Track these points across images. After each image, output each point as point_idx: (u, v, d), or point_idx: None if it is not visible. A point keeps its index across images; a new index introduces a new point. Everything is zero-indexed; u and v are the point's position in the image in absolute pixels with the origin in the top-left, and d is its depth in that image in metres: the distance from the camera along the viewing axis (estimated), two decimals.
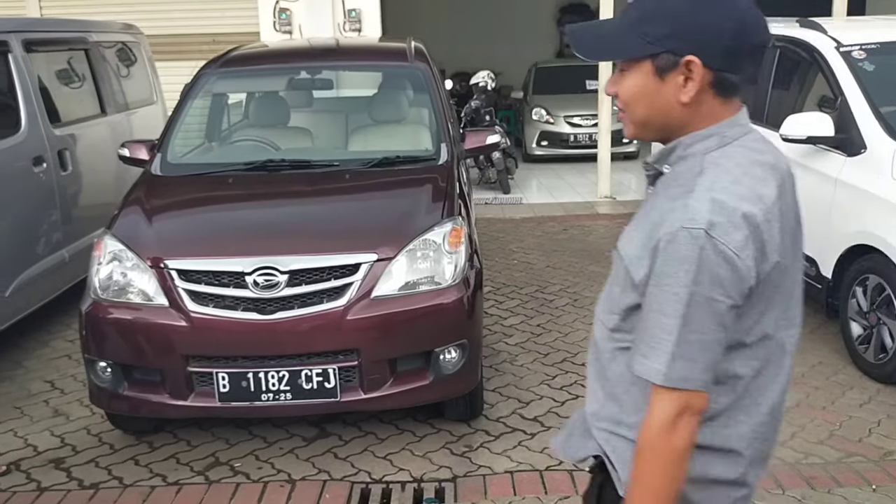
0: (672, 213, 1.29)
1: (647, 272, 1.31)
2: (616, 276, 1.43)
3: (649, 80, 1.35)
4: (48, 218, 5.04)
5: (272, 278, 3.37)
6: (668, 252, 1.28)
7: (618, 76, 1.40)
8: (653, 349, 1.30)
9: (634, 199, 8.84)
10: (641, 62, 1.35)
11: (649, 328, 1.31)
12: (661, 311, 1.29)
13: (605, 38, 1.42)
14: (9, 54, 4.85)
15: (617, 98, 1.42)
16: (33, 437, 3.85)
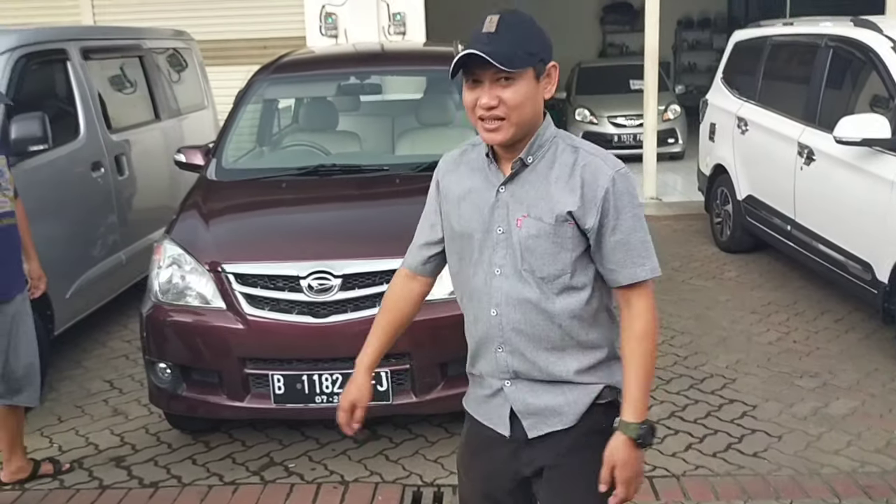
0: (597, 170, 1.76)
1: (598, 217, 1.75)
2: (542, 245, 1.77)
3: (532, 84, 1.74)
4: (106, 221, 5.18)
5: (326, 282, 3.43)
6: (617, 193, 1.75)
7: (496, 88, 1.72)
8: (645, 256, 1.79)
9: (680, 201, 8.76)
10: (525, 71, 1.72)
11: (635, 245, 1.78)
12: (635, 229, 1.78)
13: (504, 55, 1.70)
14: (68, 62, 5.00)
15: (497, 107, 1.72)
16: (94, 436, 3.97)
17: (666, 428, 3.83)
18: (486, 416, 1.95)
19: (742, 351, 4.71)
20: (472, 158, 1.91)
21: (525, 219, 1.78)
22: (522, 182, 1.80)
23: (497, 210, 1.81)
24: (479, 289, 1.85)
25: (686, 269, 6.37)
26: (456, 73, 1.75)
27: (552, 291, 1.80)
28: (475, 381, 1.98)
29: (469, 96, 1.77)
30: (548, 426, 1.86)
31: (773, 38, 6.34)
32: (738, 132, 6.45)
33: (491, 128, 1.75)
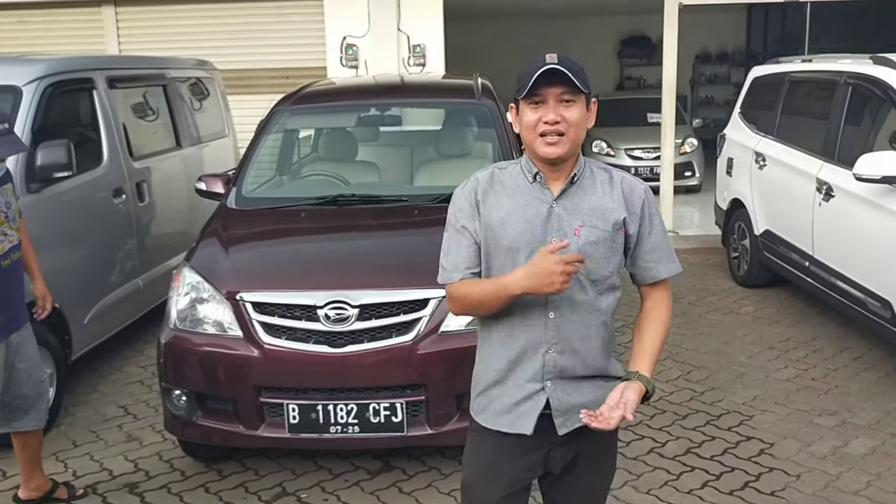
0: (632, 185, 2.08)
1: (639, 223, 2.07)
2: (599, 250, 2.03)
3: (584, 110, 2.01)
4: (125, 247, 5.23)
5: (343, 312, 3.44)
6: (650, 203, 2.09)
7: (559, 107, 1.97)
8: (670, 255, 2.13)
9: (697, 234, 8.73)
10: (582, 97, 1.99)
11: (664, 245, 2.11)
12: (662, 232, 2.12)
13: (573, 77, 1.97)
14: (93, 91, 5.09)
15: (560, 122, 1.97)
16: (108, 462, 3.97)
17: (682, 464, 3.79)
18: (511, 422, 2.09)
19: (760, 387, 4.67)
20: (503, 180, 2.10)
21: (582, 227, 2.02)
22: (572, 197, 2.05)
23: (550, 222, 2.02)
24: (533, 296, 2.00)
25: (703, 303, 6.33)
26: (527, 91, 1.96)
27: (598, 292, 2.05)
28: (499, 392, 2.10)
29: (532, 115, 1.99)
30: (576, 422, 2.04)
31: (791, 75, 6.35)
32: (755, 167, 6.45)
33: (552, 141, 1.98)
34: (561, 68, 1.94)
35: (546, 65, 1.95)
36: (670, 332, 2.11)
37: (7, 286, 3.16)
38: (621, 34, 16.36)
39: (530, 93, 1.97)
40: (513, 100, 2.07)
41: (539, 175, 2.04)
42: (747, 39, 16.28)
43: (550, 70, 1.94)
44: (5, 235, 3.15)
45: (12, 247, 3.20)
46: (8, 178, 3.28)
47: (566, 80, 1.94)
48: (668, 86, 8.78)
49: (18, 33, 8.88)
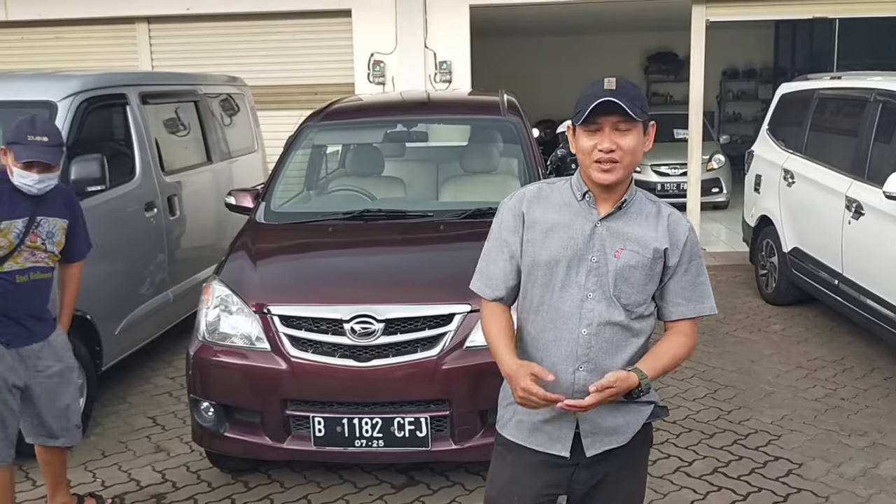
0: (679, 221, 2.10)
1: (679, 258, 2.07)
2: (635, 275, 2.04)
3: (640, 136, 2.01)
4: (156, 260, 5.31)
5: (369, 326, 3.47)
6: (692, 242, 2.10)
7: (615, 135, 1.97)
8: (708, 296, 2.13)
9: (724, 251, 8.67)
10: (638, 124, 1.99)
11: (701, 285, 2.11)
12: (702, 273, 2.12)
13: (630, 107, 1.96)
14: (127, 106, 5.19)
15: (615, 151, 1.97)
16: (136, 472, 4.02)
17: (709, 484, 3.76)
18: (541, 440, 2.11)
19: (788, 407, 4.61)
20: (551, 196, 2.13)
21: (623, 251, 2.04)
22: (618, 220, 2.07)
23: (593, 241, 2.05)
24: (567, 311, 2.05)
25: (730, 320, 6.28)
26: (584, 118, 1.97)
27: (631, 317, 2.06)
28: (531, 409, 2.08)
29: (588, 141, 2.00)
30: (605, 444, 2.08)
31: (820, 92, 6.31)
32: (784, 184, 6.40)
33: (606, 168, 1.99)
34: (618, 101, 1.93)
35: (604, 94, 1.94)
36: (697, 349, 2.10)
37: (18, 300, 3.16)
38: (647, 50, 16.33)
39: (587, 120, 1.98)
40: (571, 120, 2.06)
41: (588, 194, 2.06)
42: (775, 55, 16.17)
43: (607, 102, 1.94)
44: (32, 255, 3.18)
45: (35, 267, 3.19)
46: (65, 215, 3.30)
47: (622, 109, 1.95)
48: (695, 102, 8.75)
49: (55, 49, 9.07)
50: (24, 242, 3.15)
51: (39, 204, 3.20)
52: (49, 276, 3.30)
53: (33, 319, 3.23)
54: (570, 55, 15.43)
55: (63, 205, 3.32)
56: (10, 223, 3.12)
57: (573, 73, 15.39)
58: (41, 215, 3.21)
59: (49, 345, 3.31)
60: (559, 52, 15.41)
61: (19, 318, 3.18)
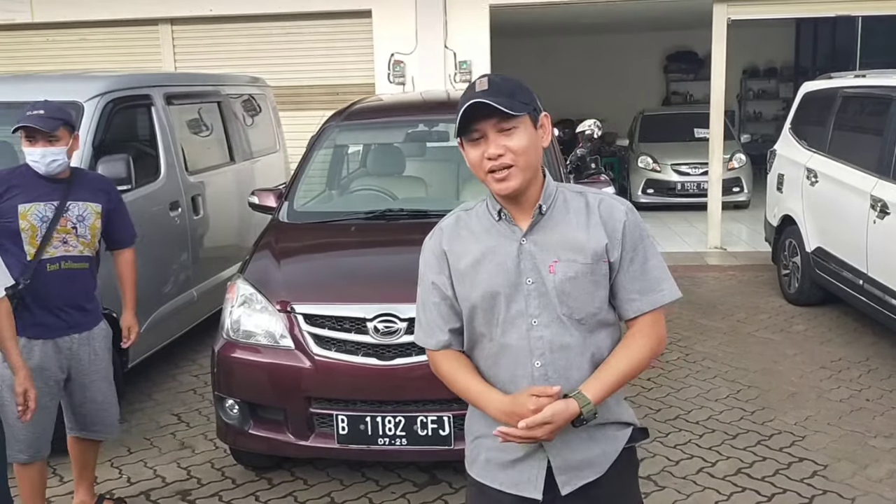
0: (611, 207, 1.88)
1: (621, 249, 1.85)
2: (579, 286, 1.83)
3: (531, 131, 1.81)
4: (180, 259, 5.37)
5: (392, 325, 3.49)
6: (633, 226, 1.87)
7: (500, 137, 1.78)
8: (664, 280, 1.89)
9: (746, 251, 8.62)
10: (523, 118, 1.79)
11: (653, 270, 1.88)
12: (651, 256, 1.88)
13: (504, 103, 1.76)
14: (152, 107, 5.25)
15: (504, 154, 1.78)
16: (161, 469, 4.07)
17: (732, 485, 3.74)
18: (512, 481, 1.90)
19: (812, 408, 4.58)
20: (470, 223, 1.92)
21: (557, 263, 1.82)
22: (543, 230, 1.85)
23: (523, 262, 1.84)
24: (514, 345, 1.84)
25: (752, 321, 6.24)
26: (460, 131, 1.81)
27: (588, 331, 1.86)
28: (494, 444, 1.89)
29: (474, 152, 1.82)
30: (581, 478, 1.88)
31: (844, 90, 6.26)
32: (807, 183, 6.35)
33: (501, 177, 1.79)
34: (487, 101, 1.73)
35: (474, 97, 1.76)
36: (719, 349, 1.98)
37: (51, 290, 3.19)
38: (667, 49, 16.26)
39: (465, 129, 1.80)
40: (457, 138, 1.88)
41: (503, 212, 1.86)
42: (796, 54, 16.05)
43: (477, 104, 1.75)
44: (64, 243, 3.21)
45: (66, 256, 3.22)
46: (98, 199, 3.33)
47: (497, 110, 1.74)
48: (716, 101, 8.71)
49: (80, 51, 9.18)
50: (55, 228, 3.18)
51: (71, 189, 3.25)
52: (84, 266, 3.30)
53: (72, 310, 3.27)
54: (589, 54, 15.41)
55: (98, 190, 3.36)
56: (30, 205, 3.16)
57: (593, 72, 15.44)
58: (72, 200, 3.25)
59: (91, 338, 3.34)
60: (578, 52, 15.38)
61: (54, 308, 3.21)
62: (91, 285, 3.37)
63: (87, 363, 3.33)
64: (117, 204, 3.45)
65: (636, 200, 11.25)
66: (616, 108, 14.15)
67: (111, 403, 3.46)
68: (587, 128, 10.11)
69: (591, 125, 10.15)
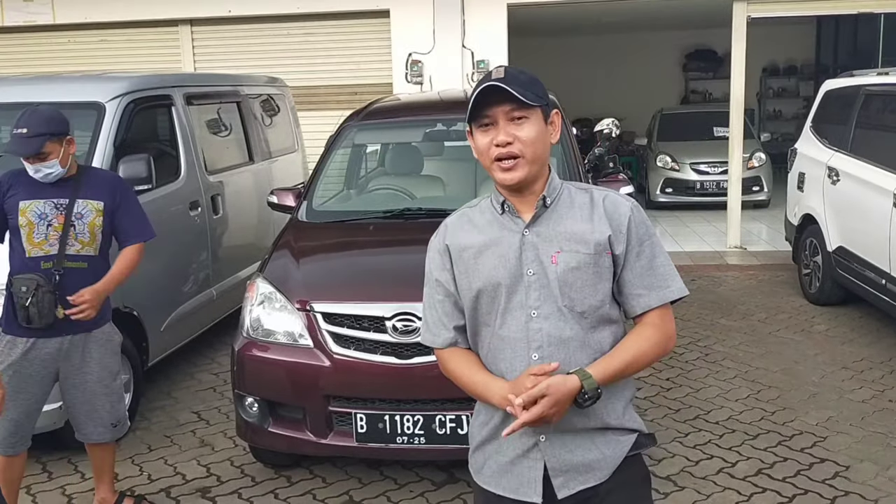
0: (616, 202, 1.87)
1: (626, 244, 1.83)
2: (582, 277, 1.81)
3: (542, 125, 1.81)
4: (200, 258, 5.40)
5: (410, 324, 3.49)
6: (638, 222, 1.86)
7: (511, 126, 1.78)
8: (671, 277, 1.87)
9: (766, 250, 8.56)
10: (535, 110, 1.80)
11: (659, 267, 1.86)
12: (658, 254, 1.87)
13: (519, 91, 1.77)
14: (172, 107, 5.28)
15: (513, 143, 1.78)
16: (182, 466, 4.10)
17: (753, 485, 3.71)
18: (511, 485, 1.87)
19: (833, 408, 4.54)
20: (474, 217, 1.92)
21: (560, 254, 1.81)
22: (546, 222, 1.85)
23: (525, 253, 1.83)
24: (512, 336, 1.83)
25: (773, 320, 6.19)
26: (471, 116, 1.80)
27: (590, 325, 1.83)
28: (495, 446, 1.89)
29: (483, 139, 1.81)
30: (579, 483, 1.83)
31: (866, 88, 6.19)
32: (828, 182, 6.29)
33: (507, 166, 1.79)
34: (503, 85, 1.74)
35: (488, 82, 1.77)
36: (739, 349, 1.95)
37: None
38: (686, 48, 16.17)
39: (477, 114, 1.80)
40: (466, 124, 1.87)
41: (507, 204, 1.86)
42: (817, 52, 15.90)
43: (492, 87, 1.75)
44: (62, 241, 3.17)
45: (64, 254, 3.18)
46: (102, 197, 3.29)
47: (512, 95, 1.75)
48: (736, 99, 8.65)
49: (100, 52, 9.27)
50: (51, 224, 3.18)
51: (78, 188, 3.26)
52: (83, 266, 3.24)
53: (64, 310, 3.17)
54: (607, 53, 15.35)
55: (103, 187, 3.33)
56: (30, 202, 3.20)
57: (611, 71, 15.39)
58: (79, 198, 3.25)
59: (91, 339, 3.29)
60: (596, 51, 15.33)
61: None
62: (89, 286, 3.23)
63: (77, 365, 3.27)
64: (124, 201, 3.36)
65: (655, 200, 11.21)
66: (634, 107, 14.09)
67: (103, 409, 3.35)
68: (605, 127, 10.05)
69: (610, 124, 10.09)
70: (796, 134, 7.50)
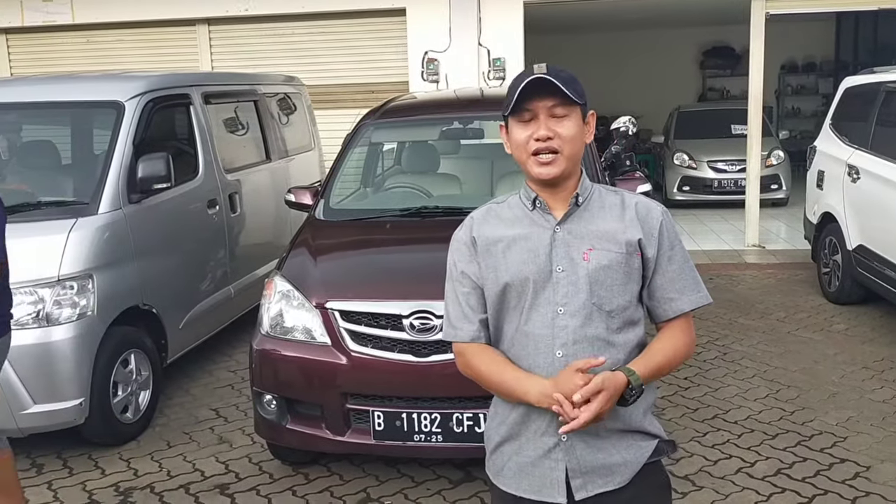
0: (648, 206, 1.89)
1: (657, 247, 1.85)
2: (612, 276, 1.82)
3: (580, 123, 1.84)
4: (218, 256, 5.43)
5: (428, 322, 3.49)
6: (668, 227, 1.88)
7: (551, 121, 1.80)
8: (697, 284, 1.90)
9: (785, 249, 8.49)
10: (576, 108, 1.82)
11: (686, 273, 1.89)
12: (685, 260, 1.90)
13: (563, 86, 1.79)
14: (190, 106, 5.32)
15: (553, 139, 1.79)
16: (200, 463, 4.12)
17: (772, 485, 3.69)
18: (533, 486, 1.84)
19: (854, 408, 4.50)
20: (502, 212, 1.92)
21: (592, 251, 1.81)
22: (578, 220, 1.85)
23: (556, 249, 1.82)
24: (537, 332, 1.81)
25: (792, 320, 6.14)
26: (513, 105, 1.80)
27: (616, 326, 1.82)
28: (514, 447, 1.87)
29: (522, 133, 1.82)
30: (599, 486, 1.81)
31: (888, 85, 6.12)
32: (848, 180, 6.23)
33: (546, 161, 1.80)
34: (550, 78, 1.76)
35: (533, 75, 1.78)
36: (758, 348, 1.95)
37: None
38: (703, 45, 16.06)
39: (518, 107, 1.80)
40: (501, 118, 1.86)
41: (539, 200, 1.86)
42: (836, 49, 15.74)
43: (538, 81, 1.77)
44: None
45: None
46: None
47: (557, 91, 1.76)
48: (754, 96, 8.59)
49: (118, 51, 9.33)
50: None
51: None
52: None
53: None
54: (624, 51, 15.28)
55: None
56: None
57: (627, 68, 15.32)
58: None
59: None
60: (613, 48, 15.27)
61: None
62: None
63: None
64: None
65: (672, 198, 11.15)
66: (651, 105, 14.03)
67: None
68: (622, 124, 9.98)
69: (626, 122, 10.03)
70: (815, 131, 7.45)
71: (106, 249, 4.20)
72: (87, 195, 4.32)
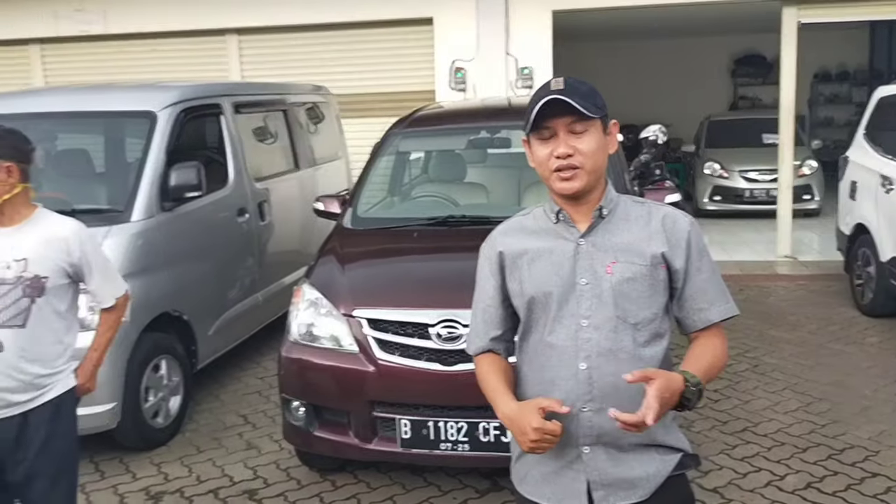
0: (675, 218, 1.88)
1: (686, 259, 1.85)
2: (637, 289, 1.82)
3: (601, 136, 1.84)
4: (246, 264, 5.49)
5: (454, 331, 3.50)
6: (696, 238, 1.88)
7: (570, 138, 1.80)
8: (725, 295, 1.90)
9: (817, 260, 8.37)
10: (595, 122, 1.82)
11: (715, 284, 1.88)
12: (714, 270, 1.89)
13: (580, 104, 1.78)
14: (221, 116, 5.39)
15: (573, 155, 1.79)
16: (229, 468, 4.16)
17: (802, 499, 3.64)
18: (556, 495, 1.86)
19: (886, 422, 4.42)
20: (526, 225, 1.94)
21: (616, 264, 1.82)
22: (602, 232, 1.86)
23: (579, 262, 1.83)
24: (561, 344, 1.82)
25: (824, 332, 6.05)
26: (533, 127, 1.81)
27: (642, 339, 1.82)
28: (536, 457, 1.86)
29: (542, 150, 1.83)
30: (620, 499, 1.82)
31: None
32: (881, 191, 6.14)
33: (567, 176, 1.80)
34: (564, 98, 1.76)
35: (549, 94, 1.78)
36: (789, 360, 1.94)
37: None
38: (734, 53, 15.93)
39: (537, 126, 1.81)
40: (524, 134, 1.87)
41: (562, 213, 1.86)
42: (870, 57, 15.53)
43: (553, 101, 1.77)
44: None
45: None
46: None
47: (574, 108, 1.77)
48: (786, 106, 8.49)
49: (150, 61, 9.48)
50: None
51: None
52: None
53: None
54: (654, 59, 15.21)
55: None
56: None
57: (658, 76, 15.23)
58: None
59: None
60: (643, 56, 15.20)
61: None
62: None
63: None
64: None
65: (703, 208, 11.05)
66: (682, 113, 13.91)
67: None
68: (652, 133, 9.94)
69: (656, 130, 9.98)
70: (848, 141, 7.33)
71: (139, 256, 4.28)
72: (121, 203, 4.40)
